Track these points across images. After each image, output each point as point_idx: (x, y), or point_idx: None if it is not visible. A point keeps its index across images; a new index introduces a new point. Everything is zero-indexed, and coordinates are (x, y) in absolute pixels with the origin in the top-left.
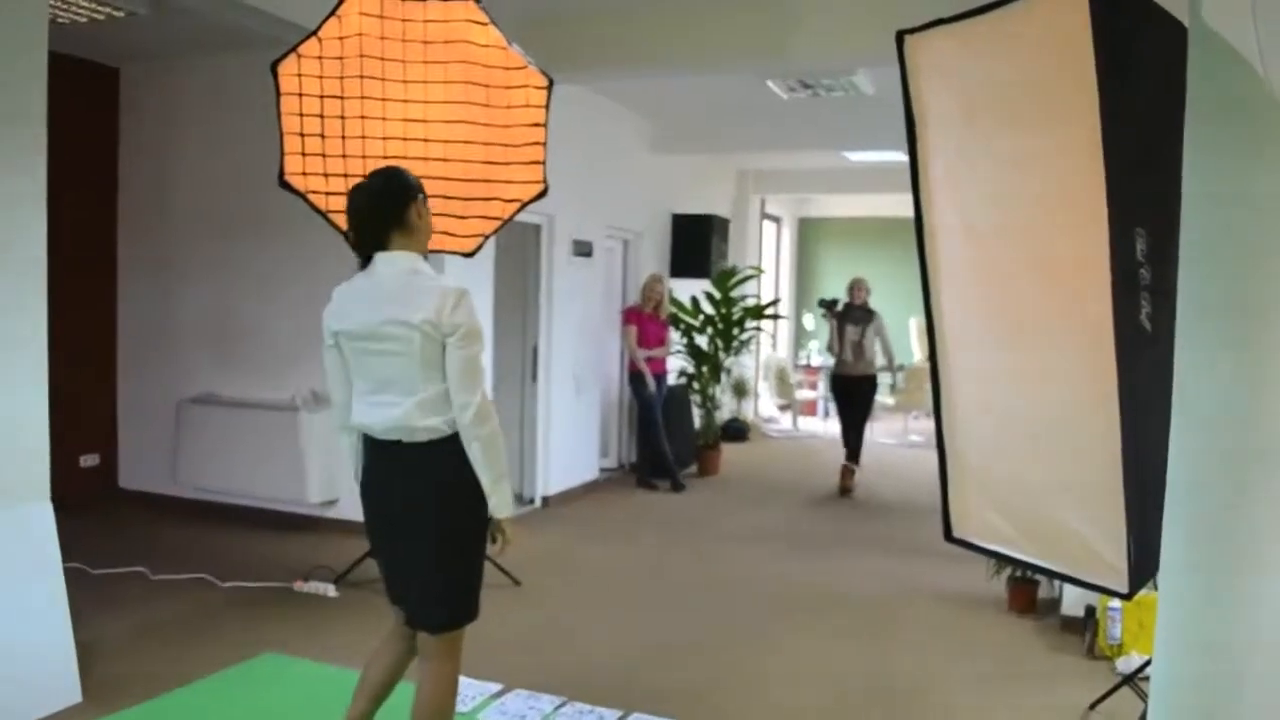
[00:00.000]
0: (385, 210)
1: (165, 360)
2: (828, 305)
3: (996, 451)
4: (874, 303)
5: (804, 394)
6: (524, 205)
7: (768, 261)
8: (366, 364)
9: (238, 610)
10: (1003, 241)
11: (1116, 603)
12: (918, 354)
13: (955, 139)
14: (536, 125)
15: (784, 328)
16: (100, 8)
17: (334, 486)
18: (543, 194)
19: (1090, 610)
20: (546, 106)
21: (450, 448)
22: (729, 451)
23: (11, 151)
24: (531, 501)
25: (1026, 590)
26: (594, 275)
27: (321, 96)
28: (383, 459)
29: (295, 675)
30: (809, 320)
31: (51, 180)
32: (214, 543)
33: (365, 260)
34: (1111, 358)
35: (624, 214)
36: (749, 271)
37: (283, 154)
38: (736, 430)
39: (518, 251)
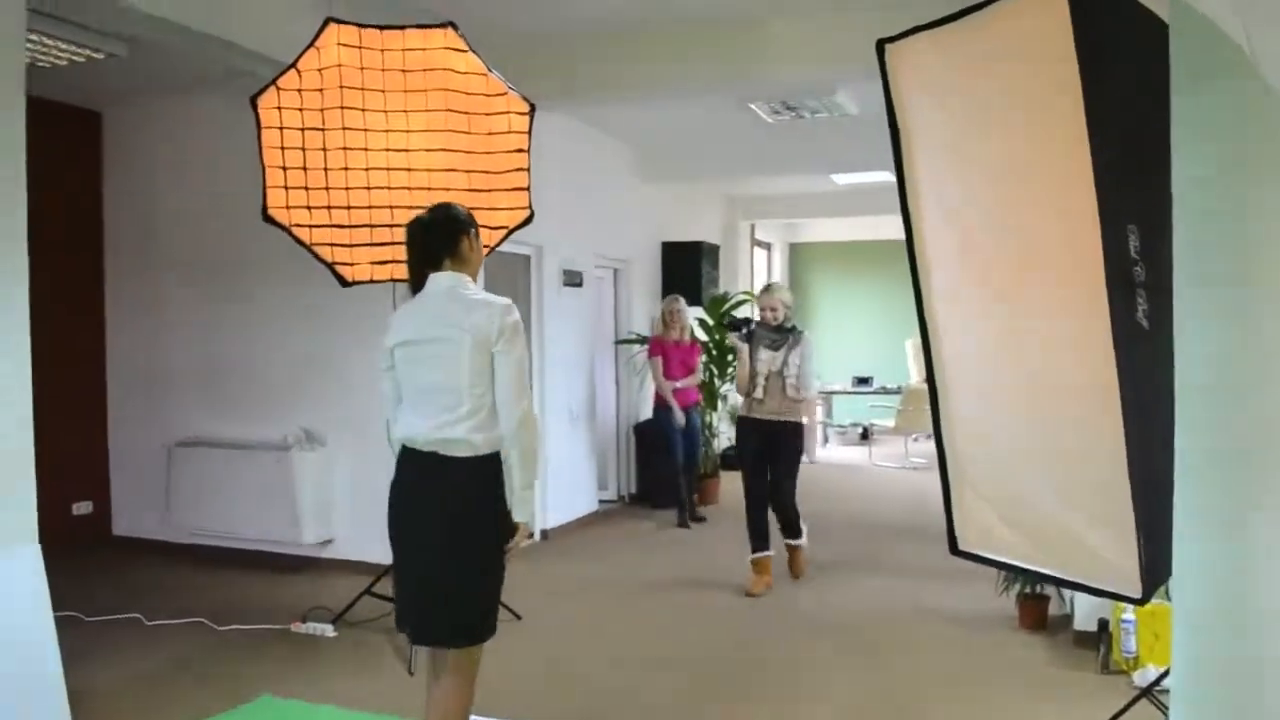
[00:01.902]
0: (439, 239)
1: (155, 405)
2: (737, 325)
3: (1000, 461)
4: (866, 325)
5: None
6: (510, 232)
7: (760, 288)
8: (415, 372)
9: (235, 653)
10: (994, 248)
11: (1131, 615)
12: (914, 376)
13: (941, 146)
14: (520, 151)
15: None
16: (79, 50)
17: (329, 526)
18: (528, 220)
19: (1104, 624)
20: (529, 132)
21: (485, 467)
22: (728, 480)
23: None
24: (531, 535)
25: (1037, 607)
26: (585, 305)
27: (302, 129)
28: (418, 470)
29: (294, 718)
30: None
31: (36, 226)
32: (209, 586)
33: (418, 287)
34: (1111, 358)
35: (613, 243)
36: (741, 296)
37: (265, 188)
38: (734, 459)
39: (507, 282)
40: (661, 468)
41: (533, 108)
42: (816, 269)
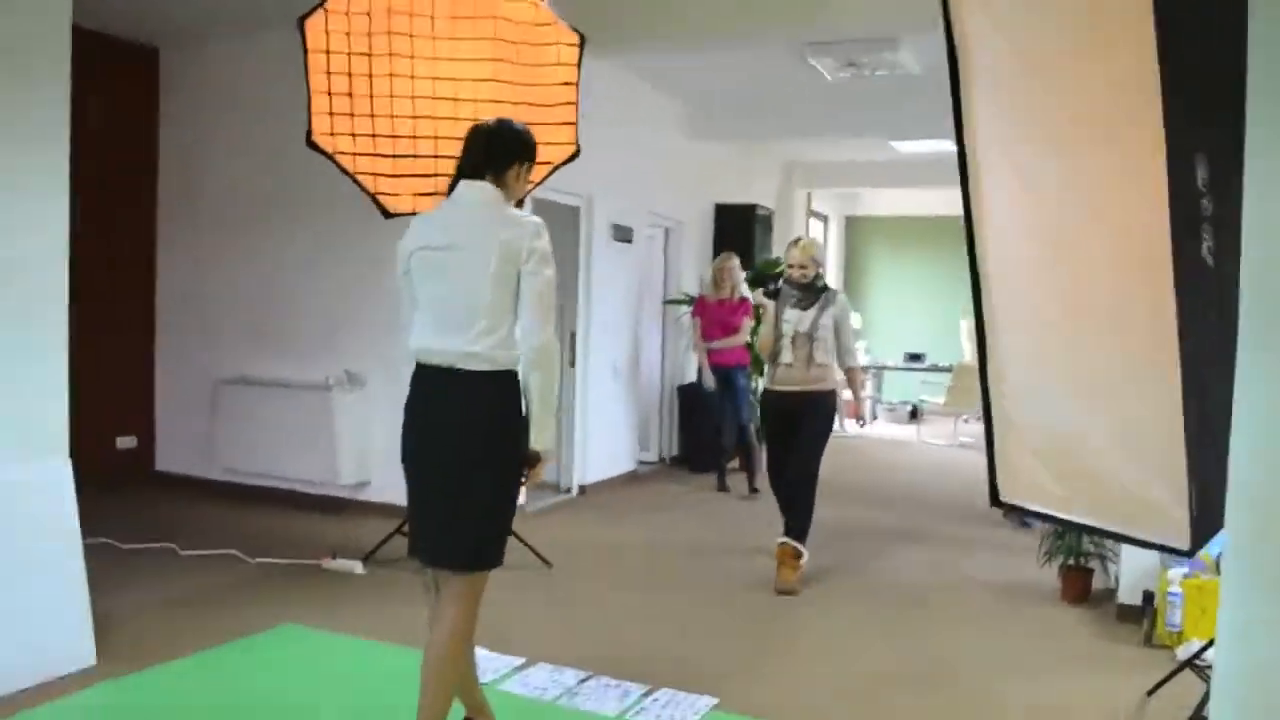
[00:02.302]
0: (495, 152)
1: (203, 342)
2: (763, 281)
3: (1048, 404)
4: (921, 302)
5: (847, 395)
6: (556, 168)
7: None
8: (434, 281)
9: (264, 584)
10: (1053, 178)
11: (1178, 588)
12: (968, 354)
13: (1000, 70)
14: (568, 84)
15: None
16: None
17: (366, 468)
18: (575, 156)
19: (1148, 596)
20: (578, 65)
21: (505, 383)
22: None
23: (32, 125)
24: (568, 490)
25: (1080, 579)
26: (634, 262)
27: (349, 54)
28: (434, 387)
29: (313, 645)
30: (855, 319)
31: (92, 161)
32: (245, 522)
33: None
34: (1171, 295)
35: (666, 201)
36: None
37: (310, 114)
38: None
39: (556, 233)
40: (701, 431)
41: (583, 39)
42: (873, 243)
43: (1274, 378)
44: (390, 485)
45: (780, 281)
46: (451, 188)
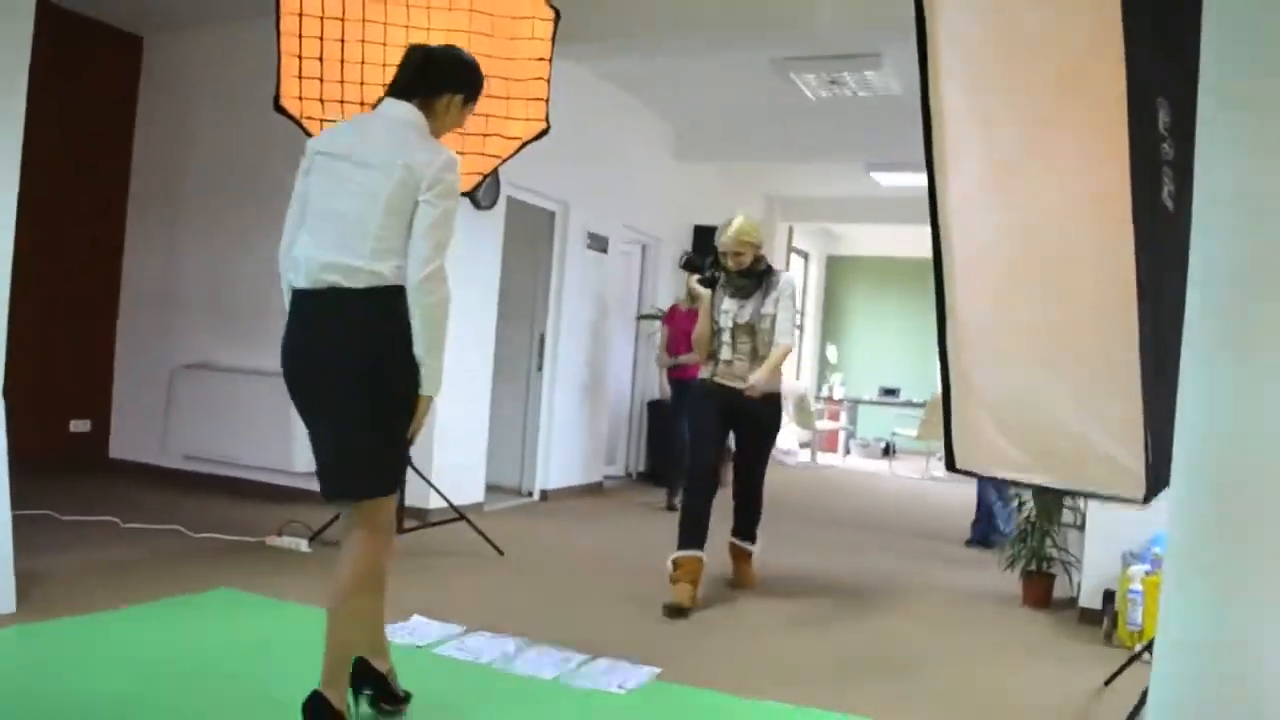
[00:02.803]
0: (428, 77)
1: (165, 327)
2: (697, 266)
3: (1006, 366)
4: (898, 341)
5: (824, 424)
6: (525, 144)
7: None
8: (328, 191)
9: (204, 557)
10: (1015, 130)
11: (1138, 585)
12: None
13: (968, 29)
14: (541, 60)
15: (808, 358)
16: None
17: None
18: (544, 133)
19: (1109, 595)
20: (552, 40)
21: (387, 299)
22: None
23: None
24: (529, 494)
25: (1041, 583)
26: (609, 273)
27: (322, 18)
28: (313, 309)
29: (247, 608)
30: (833, 353)
31: (69, 144)
32: (194, 504)
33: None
34: (1131, 241)
35: (644, 217)
36: None
37: (279, 77)
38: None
39: (530, 235)
40: (670, 446)
41: (558, 14)
42: (853, 281)
43: (1218, 344)
44: None
45: (711, 271)
46: (378, 103)
